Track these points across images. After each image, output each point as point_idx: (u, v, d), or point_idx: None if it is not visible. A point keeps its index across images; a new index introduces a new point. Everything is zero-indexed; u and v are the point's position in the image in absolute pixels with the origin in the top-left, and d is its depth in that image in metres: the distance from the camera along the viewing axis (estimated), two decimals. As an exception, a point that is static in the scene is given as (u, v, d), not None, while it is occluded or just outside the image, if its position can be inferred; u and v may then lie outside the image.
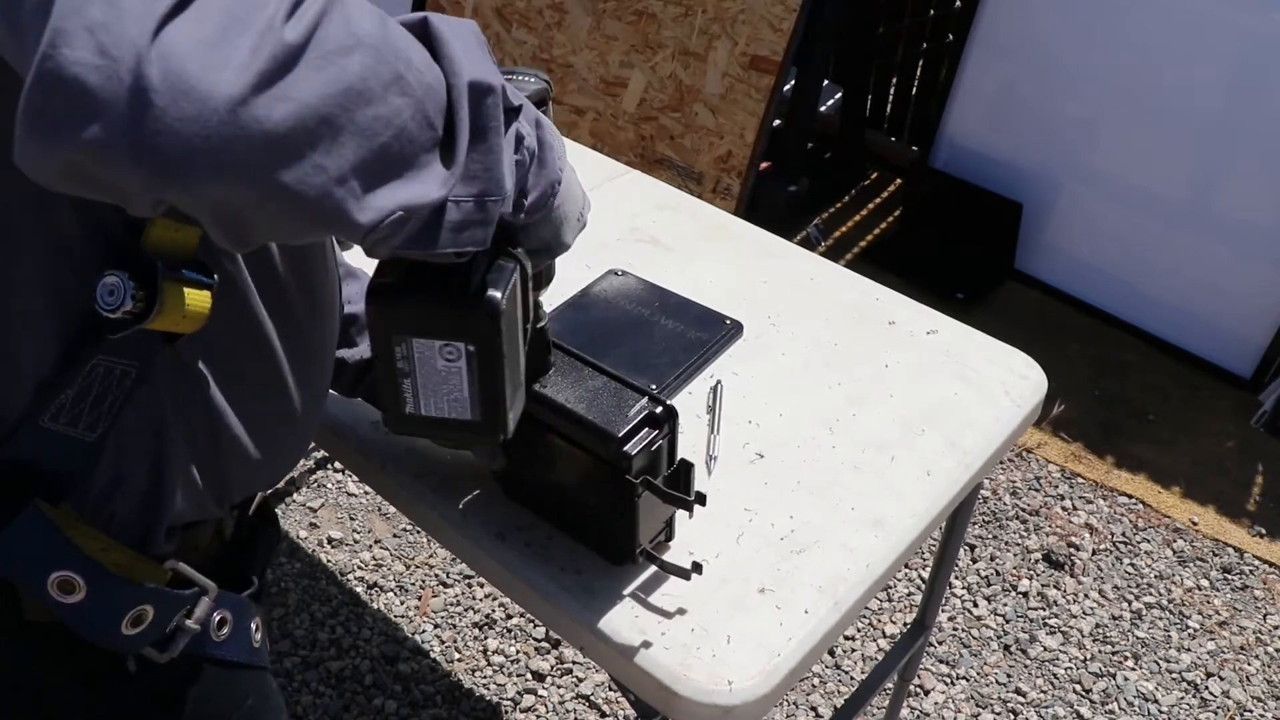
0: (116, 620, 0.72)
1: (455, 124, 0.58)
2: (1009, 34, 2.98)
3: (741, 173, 2.63)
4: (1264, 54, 2.57)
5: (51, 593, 0.69)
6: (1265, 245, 2.69)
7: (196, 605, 0.77)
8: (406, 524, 2.28)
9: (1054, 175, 3.02)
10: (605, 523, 0.95)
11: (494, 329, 0.69)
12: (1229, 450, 2.65)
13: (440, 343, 0.70)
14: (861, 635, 2.13)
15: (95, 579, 0.70)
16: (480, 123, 0.59)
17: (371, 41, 0.53)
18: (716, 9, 2.61)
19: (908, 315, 1.36)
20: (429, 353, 0.70)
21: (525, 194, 0.68)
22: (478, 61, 0.60)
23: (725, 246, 1.48)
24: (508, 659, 2.03)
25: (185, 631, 0.76)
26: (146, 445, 0.72)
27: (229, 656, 0.83)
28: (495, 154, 0.60)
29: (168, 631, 0.76)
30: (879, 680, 1.56)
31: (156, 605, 0.74)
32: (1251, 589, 2.30)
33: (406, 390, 0.73)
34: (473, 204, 0.59)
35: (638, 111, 2.77)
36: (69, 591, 0.70)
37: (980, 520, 2.40)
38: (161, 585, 0.75)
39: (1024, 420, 1.24)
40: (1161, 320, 2.91)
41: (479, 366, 0.71)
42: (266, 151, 0.49)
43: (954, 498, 1.12)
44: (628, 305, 1.31)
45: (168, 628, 0.76)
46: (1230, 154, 2.70)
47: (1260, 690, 2.09)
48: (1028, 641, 2.14)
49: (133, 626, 0.73)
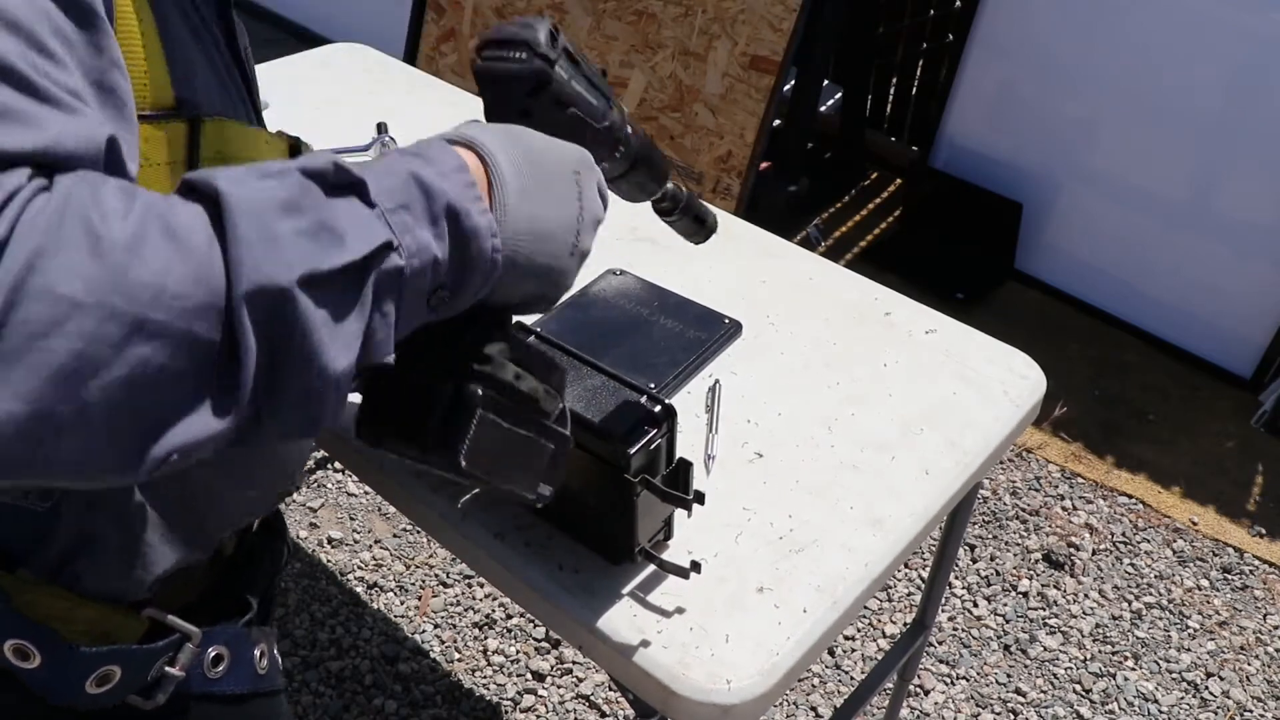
0: (78, 683, 0.69)
1: (237, 343, 0.48)
2: (1009, 34, 2.98)
3: (741, 173, 2.63)
4: (1264, 54, 2.57)
5: (9, 657, 0.67)
6: (1265, 245, 2.69)
7: (180, 651, 0.74)
8: (406, 524, 2.28)
9: (1054, 175, 3.02)
10: (604, 522, 0.95)
11: (463, 473, 0.63)
12: (1229, 450, 2.65)
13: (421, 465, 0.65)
14: (861, 635, 2.13)
15: (48, 648, 0.68)
16: (277, 334, 0.49)
17: (91, 298, 0.43)
18: (716, 9, 2.61)
19: (907, 315, 1.36)
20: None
21: (445, 298, 0.58)
22: (277, 249, 0.49)
23: (725, 246, 1.48)
24: (508, 659, 2.03)
25: (170, 678, 0.74)
26: (108, 506, 0.69)
27: (231, 690, 0.80)
28: (307, 356, 0.50)
29: (151, 679, 0.73)
30: (879, 680, 1.56)
31: (123, 664, 0.71)
32: (1251, 589, 2.30)
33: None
34: (295, 411, 0.51)
35: (638, 111, 2.77)
36: (24, 658, 0.67)
37: (980, 520, 2.40)
38: (133, 640, 0.72)
39: (1023, 420, 1.24)
40: (1161, 320, 2.91)
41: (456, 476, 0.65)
42: None
43: (953, 497, 1.12)
44: (627, 305, 1.31)
45: (148, 677, 0.73)
46: (1230, 154, 2.70)
47: (1260, 690, 2.08)
48: (1028, 641, 2.14)
49: (99, 686, 0.70)
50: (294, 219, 0.50)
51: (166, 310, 0.46)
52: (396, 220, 0.54)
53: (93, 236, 0.44)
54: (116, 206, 0.46)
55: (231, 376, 0.49)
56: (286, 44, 3.25)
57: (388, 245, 0.53)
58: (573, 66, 0.68)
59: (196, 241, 0.48)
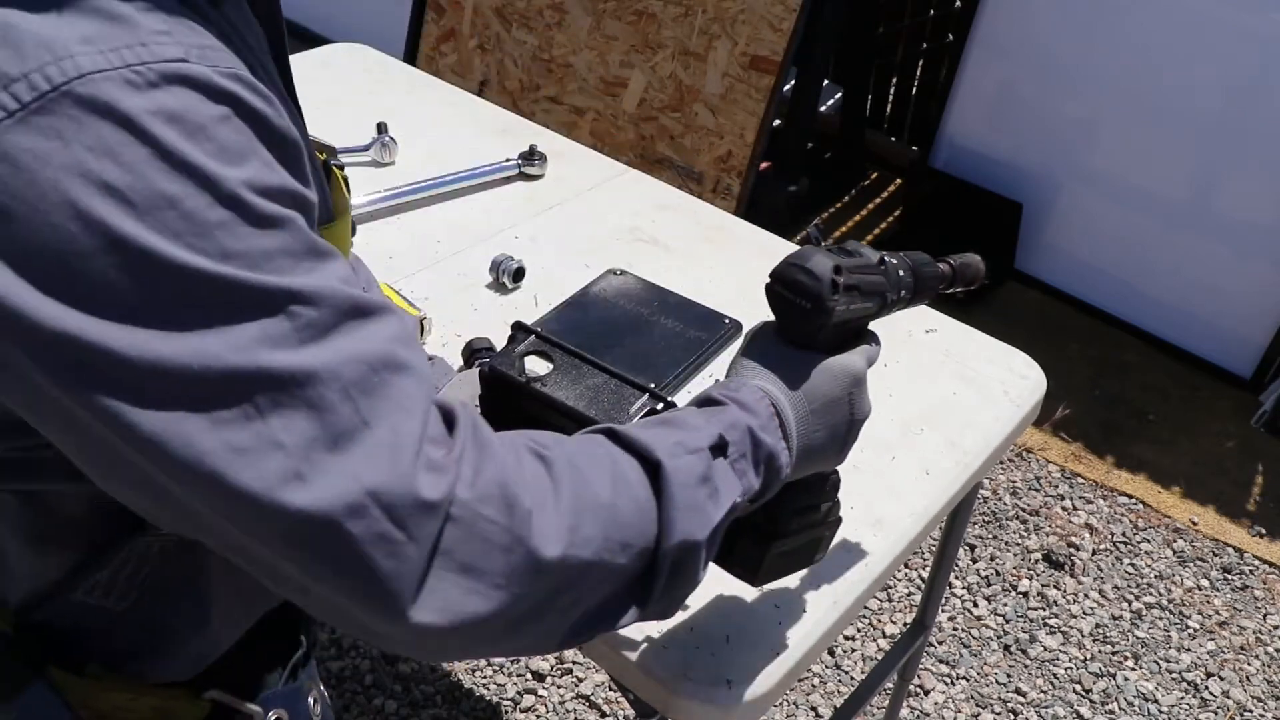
0: None
1: (655, 573, 0.64)
2: (1009, 34, 2.98)
3: (741, 173, 2.63)
4: (1264, 54, 2.57)
5: None
6: (1265, 245, 2.69)
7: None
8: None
9: (1054, 175, 3.02)
10: (605, 522, 0.95)
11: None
12: (1229, 450, 2.65)
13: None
14: (861, 635, 2.13)
15: None
16: (683, 566, 0.65)
17: (595, 557, 0.60)
18: (716, 9, 2.61)
19: (907, 314, 1.36)
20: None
21: (741, 507, 0.71)
22: (698, 514, 0.65)
23: (725, 246, 1.48)
24: (508, 659, 2.03)
25: None
26: (183, 595, 0.69)
27: None
28: (691, 577, 0.67)
29: None
30: (879, 680, 1.56)
31: None
32: (1251, 589, 2.30)
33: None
34: (673, 606, 0.68)
35: (638, 111, 2.77)
36: None
37: (980, 520, 2.41)
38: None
39: (1023, 420, 1.24)
40: (1161, 320, 2.91)
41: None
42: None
43: (953, 497, 1.12)
44: (627, 305, 1.31)
45: None
46: (1230, 154, 2.70)
47: (1260, 690, 2.09)
48: (1028, 641, 2.14)
49: None
50: (706, 488, 0.66)
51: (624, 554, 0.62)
52: (738, 468, 0.69)
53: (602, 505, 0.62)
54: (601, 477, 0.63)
55: (645, 593, 0.65)
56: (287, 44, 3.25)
57: (739, 492, 0.69)
58: (849, 296, 0.77)
59: (645, 501, 0.64)
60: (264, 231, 0.51)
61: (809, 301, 0.75)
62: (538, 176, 1.60)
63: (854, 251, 0.81)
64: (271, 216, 0.51)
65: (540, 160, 1.60)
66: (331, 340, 0.52)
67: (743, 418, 0.71)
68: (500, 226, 1.48)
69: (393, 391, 0.53)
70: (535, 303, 1.33)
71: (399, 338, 0.55)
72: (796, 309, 0.76)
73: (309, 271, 0.52)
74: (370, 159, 1.61)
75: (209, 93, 0.50)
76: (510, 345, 0.98)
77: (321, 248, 0.54)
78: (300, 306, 0.51)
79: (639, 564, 0.63)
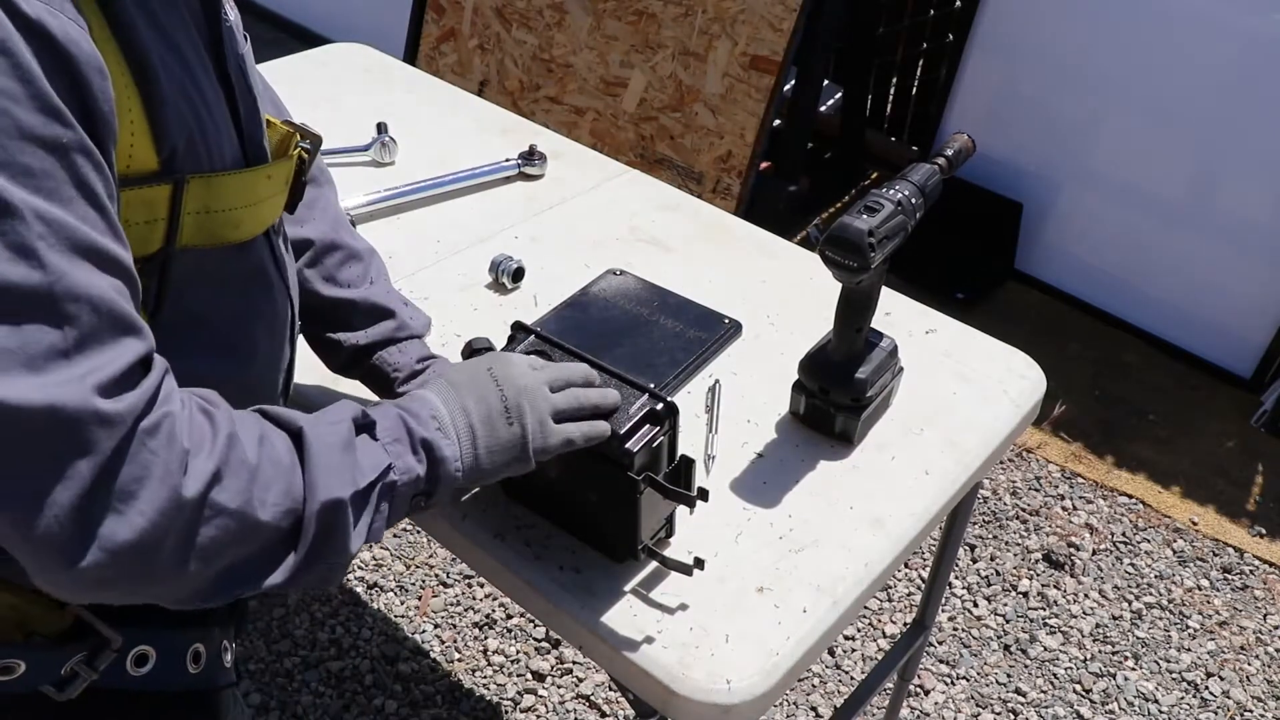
0: None
1: (300, 533, 0.70)
2: (1009, 34, 2.98)
3: (741, 173, 2.63)
4: (1264, 54, 2.57)
5: None
6: (1265, 245, 2.69)
7: (98, 656, 0.76)
8: (406, 524, 2.28)
9: (1054, 175, 3.02)
10: (607, 520, 0.95)
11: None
12: (1229, 450, 2.65)
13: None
14: (861, 635, 2.13)
15: None
16: (329, 532, 0.71)
17: (235, 505, 0.67)
18: (716, 9, 2.61)
19: (907, 315, 1.36)
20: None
21: (421, 503, 0.80)
22: (338, 474, 0.72)
23: (725, 246, 1.48)
24: (508, 659, 2.03)
25: (83, 676, 0.76)
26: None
27: (153, 688, 0.81)
28: (338, 545, 0.72)
29: (64, 673, 0.75)
30: (879, 680, 1.56)
31: (27, 661, 0.74)
32: (1251, 589, 2.30)
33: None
34: (319, 578, 0.73)
35: (638, 111, 2.77)
36: None
37: (980, 520, 2.41)
38: (53, 633, 0.75)
39: (1023, 420, 1.24)
40: (1161, 320, 2.91)
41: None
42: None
43: (953, 497, 1.12)
44: (627, 305, 1.31)
45: (61, 671, 0.75)
46: (1230, 154, 2.69)
47: (1260, 690, 2.09)
48: (1028, 641, 2.14)
49: (3, 675, 0.73)
50: (349, 456, 0.73)
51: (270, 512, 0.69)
52: (392, 450, 0.77)
53: (242, 464, 0.68)
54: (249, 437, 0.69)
55: (292, 550, 0.70)
56: (286, 44, 3.25)
57: (389, 467, 0.76)
58: (883, 248, 1.03)
59: (288, 463, 0.71)
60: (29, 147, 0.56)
61: (856, 261, 0.99)
62: (537, 176, 1.60)
63: (876, 205, 1.02)
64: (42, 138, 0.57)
65: (540, 160, 1.60)
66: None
67: (394, 410, 0.80)
68: (500, 226, 1.48)
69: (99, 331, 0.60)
70: (535, 303, 1.33)
71: (121, 291, 0.62)
72: (847, 267, 1.00)
73: (65, 202, 0.58)
74: (370, 159, 1.61)
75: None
76: (510, 345, 0.98)
77: (89, 189, 0.60)
78: (38, 226, 0.57)
79: (287, 522, 0.69)
